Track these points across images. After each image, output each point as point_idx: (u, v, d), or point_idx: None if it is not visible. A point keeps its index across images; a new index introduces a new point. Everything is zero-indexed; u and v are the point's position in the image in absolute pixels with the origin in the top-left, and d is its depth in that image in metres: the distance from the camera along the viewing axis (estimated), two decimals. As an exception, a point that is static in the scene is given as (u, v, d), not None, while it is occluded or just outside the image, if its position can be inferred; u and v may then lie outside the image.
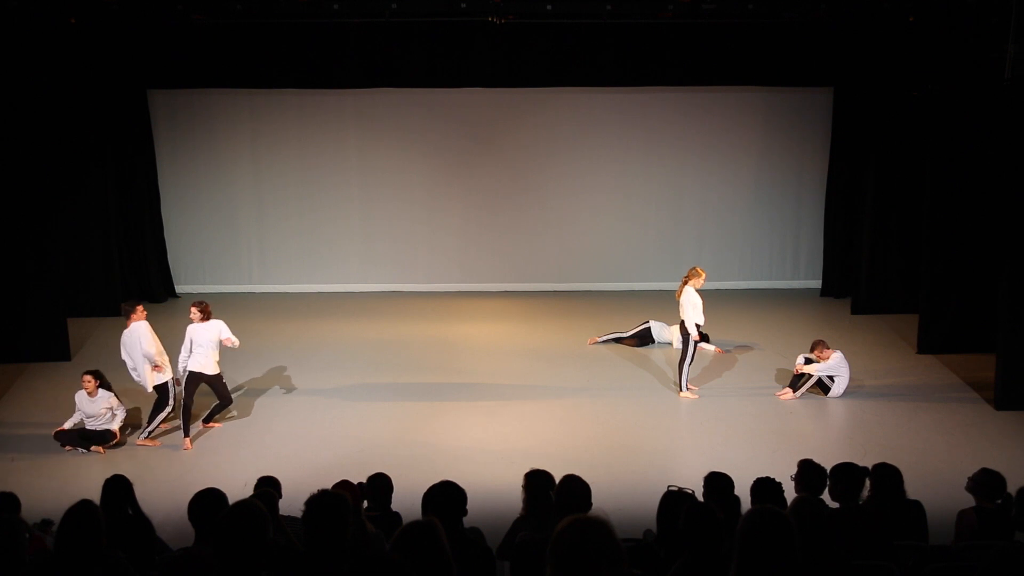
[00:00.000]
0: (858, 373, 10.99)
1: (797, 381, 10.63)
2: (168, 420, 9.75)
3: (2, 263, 11.42)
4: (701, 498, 5.66)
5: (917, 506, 6.04)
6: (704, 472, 6.14)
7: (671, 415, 10.31)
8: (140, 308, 9.49)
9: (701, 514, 4.29)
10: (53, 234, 11.73)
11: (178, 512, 5.80)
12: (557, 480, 5.42)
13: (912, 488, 6.13)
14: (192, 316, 9.41)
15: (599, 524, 2.93)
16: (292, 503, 5.36)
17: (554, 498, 5.30)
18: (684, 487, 5.49)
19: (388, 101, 14.38)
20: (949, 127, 11.44)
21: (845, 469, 5.75)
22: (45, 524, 6.84)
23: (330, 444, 9.44)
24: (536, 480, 5.80)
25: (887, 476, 5.96)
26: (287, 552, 4.39)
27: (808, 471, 6.02)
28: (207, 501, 4.97)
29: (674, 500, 5.25)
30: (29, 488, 7.96)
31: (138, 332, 9.26)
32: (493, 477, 8.36)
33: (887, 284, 13.66)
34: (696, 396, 10.67)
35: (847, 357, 10.63)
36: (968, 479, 6.07)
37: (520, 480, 5.88)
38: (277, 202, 14.75)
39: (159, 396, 9.42)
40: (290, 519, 5.60)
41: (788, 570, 3.53)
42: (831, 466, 5.86)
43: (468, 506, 4.80)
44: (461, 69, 13.67)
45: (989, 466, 6.13)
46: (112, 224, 13.62)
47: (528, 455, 8.63)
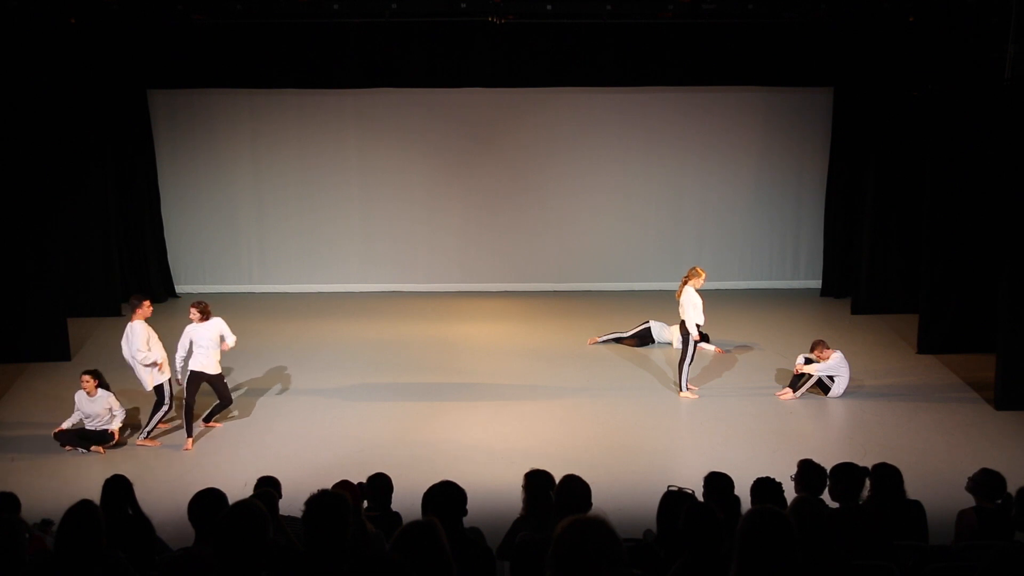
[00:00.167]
0: (858, 373, 10.99)
1: (797, 381, 10.63)
2: (168, 421, 9.77)
3: (2, 263, 11.42)
4: (701, 498, 5.66)
5: (917, 506, 6.04)
6: (704, 472, 6.14)
7: (671, 415, 10.31)
8: (147, 304, 9.44)
9: (701, 514, 4.29)
10: (53, 234, 11.73)
11: (178, 512, 5.80)
12: (557, 480, 5.42)
13: (912, 488, 6.13)
14: (191, 316, 9.41)
15: (599, 524, 2.94)
16: (292, 503, 5.35)
17: (554, 498, 5.30)
18: (684, 487, 5.50)
19: (388, 101, 14.38)
20: (949, 127, 11.44)
21: (845, 469, 5.75)
22: (45, 524, 6.83)
23: (330, 444, 9.44)
24: (536, 480, 5.80)
25: (887, 476, 5.97)
26: (287, 552, 4.39)
27: (808, 471, 6.02)
28: (207, 501, 4.98)
29: (674, 500, 5.25)
30: (29, 488, 7.96)
31: (130, 331, 9.27)
32: (493, 477, 8.36)
33: (887, 284, 13.66)
34: (696, 396, 10.67)
35: (847, 357, 10.63)
36: (968, 479, 6.07)
37: (520, 480, 5.88)
38: (277, 202, 14.75)
39: (157, 396, 9.42)
40: (290, 519, 5.60)
41: (788, 570, 3.53)
42: (831, 466, 5.86)
43: (468, 506, 4.80)
44: (461, 69, 13.67)
45: (989, 466, 6.13)
46: (112, 224, 13.61)
47: (528, 455, 8.63)
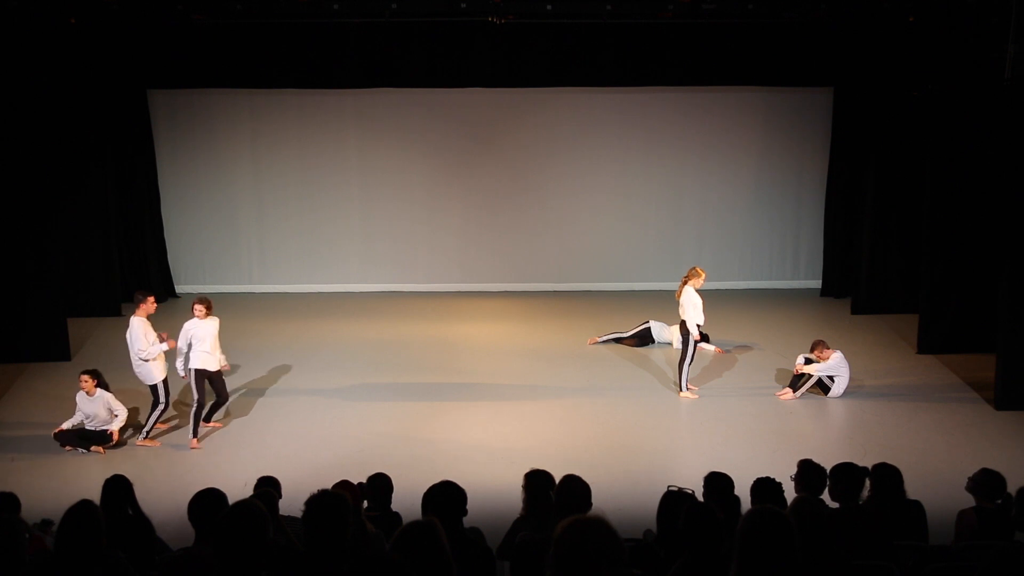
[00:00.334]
0: (858, 373, 10.99)
1: (797, 381, 10.63)
2: (167, 420, 9.76)
3: (2, 263, 11.42)
4: (701, 498, 5.66)
5: (917, 506, 6.04)
6: (704, 472, 6.14)
7: (671, 415, 10.31)
8: (151, 300, 9.40)
9: (701, 514, 4.29)
10: (53, 234, 11.72)
11: (178, 512, 5.80)
12: (557, 480, 5.42)
13: (912, 488, 6.13)
14: (197, 313, 9.34)
15: (599, 524, 2.94)
16: (292, 503, 5.35)
17: (554, 498, 5.30)
18: (684, 487, 5.50)
19: (388, 101, 14.37)
20: (949, 127, 11.44)
21: (845, 469, 5.75)
22: (45, 524, 6.83)
23: (330, 444, 9.44)
24: (536, 480, 5.80)
25: (887, 476, 5.96)
26: (287, 552, 4.39)
27: (808, 471, 6.02)
28: (207, 501, 4.98)
29: (674, 500, 5.26)
30: (29, 488, 7.95)
31: (130, 327, 9.27)
32: (493, 477, 8.36)
33: (887, 284, 13.66)
34: (696, 396, 10.67)
35: (847, 357, 10.63)
36: (968, 479, 6.07)
37: (520, 480, 5.88)
38: (277, 202, 14.75)
39: (153, 396, 9.40)
40: (290, 519, 5.60)
41: (788, 570, 3.53)
42: (831, 466, 5.86)
43: (468, 506, 4.80)
44: (461, 69, 13.66)
45: (989, 466, 6.13)
46: (112, 224, 13.61)
47: (528, 455, 8.63)
